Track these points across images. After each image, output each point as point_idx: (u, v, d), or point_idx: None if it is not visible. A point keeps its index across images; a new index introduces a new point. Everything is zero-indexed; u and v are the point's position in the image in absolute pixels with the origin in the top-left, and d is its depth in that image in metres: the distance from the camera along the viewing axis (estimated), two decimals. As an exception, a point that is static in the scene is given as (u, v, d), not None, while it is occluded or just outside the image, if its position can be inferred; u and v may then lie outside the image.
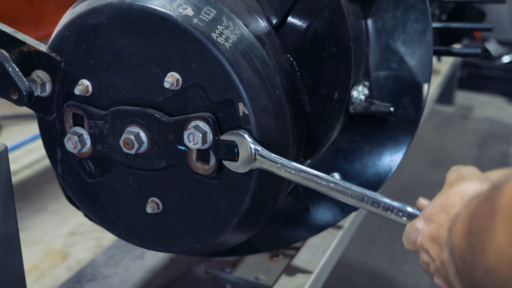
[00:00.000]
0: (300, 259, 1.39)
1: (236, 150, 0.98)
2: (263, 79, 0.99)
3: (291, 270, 1.35)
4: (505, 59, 3.69)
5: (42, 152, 2.46)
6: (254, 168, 0.99)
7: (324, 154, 1.27)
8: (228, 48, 0.96)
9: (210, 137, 0.99)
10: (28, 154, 2.54)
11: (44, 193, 2.37)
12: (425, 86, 1.24)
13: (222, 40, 0.96)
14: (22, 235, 1.10)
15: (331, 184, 0.96)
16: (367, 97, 1.23)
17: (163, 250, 1.17)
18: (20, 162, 2.49)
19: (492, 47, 3.72)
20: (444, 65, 2.88)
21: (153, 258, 1.92)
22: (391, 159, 1.26)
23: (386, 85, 1.25)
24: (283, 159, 0.98)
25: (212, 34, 0.96)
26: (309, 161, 1.17)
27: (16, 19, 2.36)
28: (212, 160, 1.01)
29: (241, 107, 0.97)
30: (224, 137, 0.99)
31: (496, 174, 0.79)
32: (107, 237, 2.07)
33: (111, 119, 1.06)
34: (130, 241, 1.17)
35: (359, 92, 1.21)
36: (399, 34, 1.24)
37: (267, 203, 1.08)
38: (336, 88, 1.11)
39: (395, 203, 0.90)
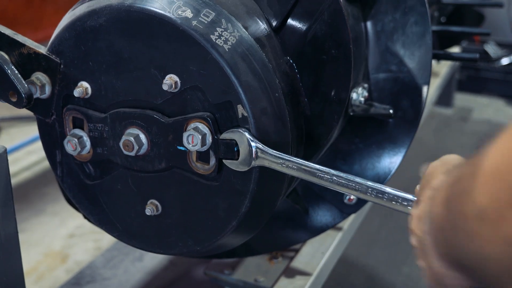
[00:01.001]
0: (299, 261, 1.38)
1: (236, 149, 0.98)
2: (262, 81, 0.99)
3: (290, 272, 1.35)
4: (504, 61, 3.69)
5: (41, 154, 2.48)
6: (255, 166, 0.99)
7: (323, 156, 1.26)
8: (227, 50, 0.96)
9: (209, 139, 0.99)
10: (27, 156, 2.54)
11: (43, 195, 2.37)
12: (425, 88, 1.24)
13: (221, 42, 0.96)
14: (21, 237, 1.10)
15: (334, 178, 0.95)
16: (366, 99, 1.23)
17: (163, 252, 1.17)
18: (19, 164, 2.49)
19: (491, 49, 3.72)
20: (443, 67, 2.88)
21: (152, 260, 1.92)
22: (390, 161, 1.26)
23: (385, 87, 1.25)
24: (284, 155, 0.98)
25: (211, 36, 0.96)
26: (308, 163, 1.17)
27: (15, 21, 2.37)
28: (212, 160, 1.01)
29: (240, 109, 0.97)
30: (224, 136, 0.98)
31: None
32: (106, 239, 2.07)
33: (111, 121, 1.06)
34: (129, 243, 1.17)
35: (359, 94, 1.21)
36: (398, 37, 1.24)
37: (267, 205, 1.08)
38: (336, 90, 1.10)
39: (399, 193, 0.88)
